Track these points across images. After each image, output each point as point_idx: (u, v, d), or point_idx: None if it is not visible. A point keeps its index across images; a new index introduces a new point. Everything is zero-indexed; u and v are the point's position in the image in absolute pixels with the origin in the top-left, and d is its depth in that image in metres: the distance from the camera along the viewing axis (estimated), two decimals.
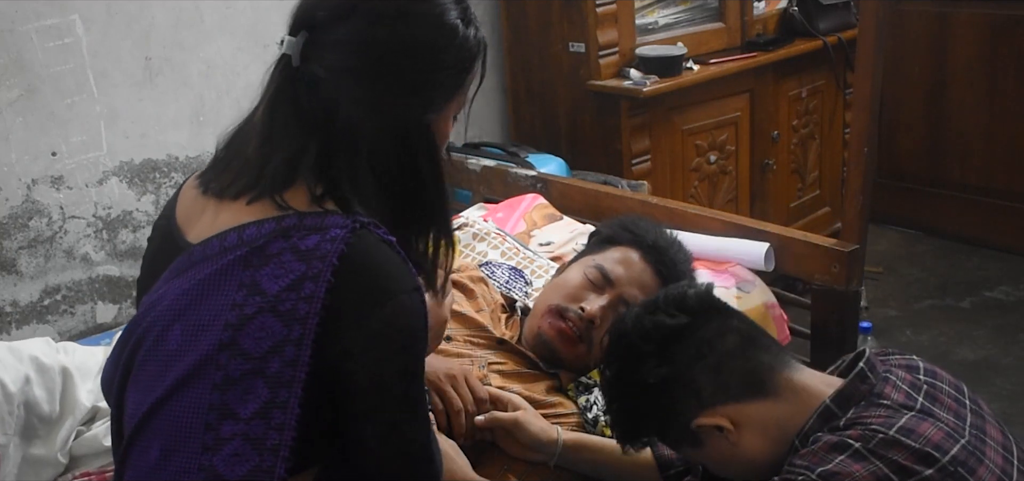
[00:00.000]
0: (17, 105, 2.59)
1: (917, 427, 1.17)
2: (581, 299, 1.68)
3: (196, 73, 2.85)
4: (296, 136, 1.17)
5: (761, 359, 1.29)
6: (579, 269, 1.73)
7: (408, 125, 1.19)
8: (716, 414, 1.27)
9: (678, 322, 1.30)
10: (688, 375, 1.29)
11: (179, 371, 1.11)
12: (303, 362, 1.09)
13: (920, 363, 1.32)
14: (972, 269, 3.89)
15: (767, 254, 2.03)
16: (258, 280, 1.11)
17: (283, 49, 1.20)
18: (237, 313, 1.10)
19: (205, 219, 1.21)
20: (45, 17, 2.59)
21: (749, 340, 1.31)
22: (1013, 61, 3.82)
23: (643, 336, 1.32)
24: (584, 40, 3.11)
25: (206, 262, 1.14)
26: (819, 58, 3.55)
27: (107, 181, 2.79)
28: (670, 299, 1.34)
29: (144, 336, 1.17)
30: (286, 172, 1.16)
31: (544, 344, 1.68)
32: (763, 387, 1.28)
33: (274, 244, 1.12)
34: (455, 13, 1.22)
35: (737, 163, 3.40)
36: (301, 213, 1.14)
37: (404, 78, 1.19)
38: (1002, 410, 2.91)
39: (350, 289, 1.11)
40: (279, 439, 1.08)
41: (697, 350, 1.29)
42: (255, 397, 1.09)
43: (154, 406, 1.12)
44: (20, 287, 2.70)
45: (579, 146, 3.25)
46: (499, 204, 2.41)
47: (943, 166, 4.13)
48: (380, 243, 1.14)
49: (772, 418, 1.27)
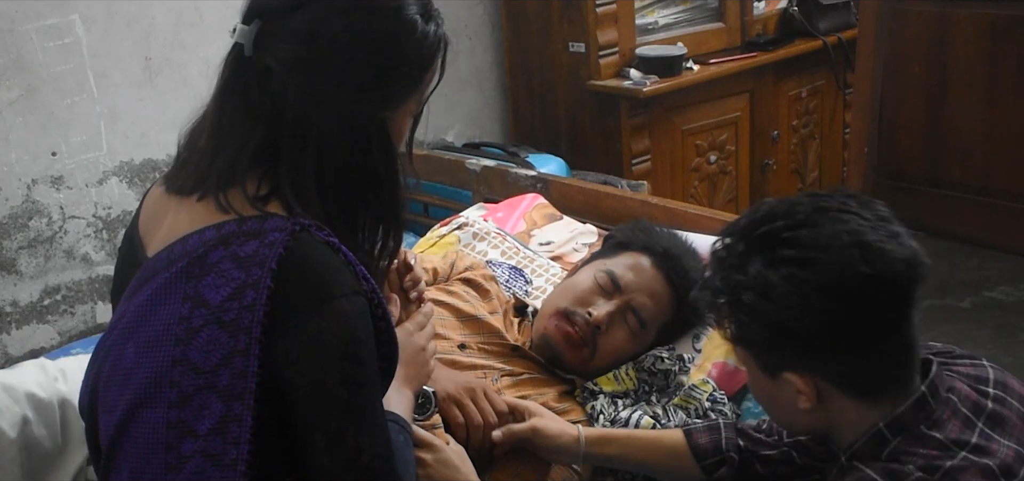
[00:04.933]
0: (17, 105, 2.59)
1: (960, 477, 1.10)
2: (589, 303, 1.67)
3: (196, 73, 2.85)
4: (242, 130, 1.14)
5: (900, 375, 1.18)
6: (589, 273, 1.72)
7: (362, 121, 1.15)
8: (811, 384, 1.16)
9: (875, 300, 1.14)
10: (835, 347, 1.16)
11: (135, 389, 1.09)
12: (251, 373, 1.06)
13: (990, 372, 1.23)
14: (972, 269, 3.88)
15: None
16: (201, 291, 1.08)
17: (235, 37, 1.16)
18: (184, 326, 1.08)
19: (165, 224, 1.18)
20: (45, 17, 2.58)
21: (905, 351, 1.18)
22: (1013, 61, 3.82)
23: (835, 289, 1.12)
24: (584, 40, 3.11)
25: (155, 277, 1.12)
26: (819, 58, 3.55)
27: (107, 181, 2.79)
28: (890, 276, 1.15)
29: (107, 356, 1.15)
30: (230, 169, 1.13)
31: (548, 346, 1.68)
32: (875, 396, 1.17)
33: (214, 253, 1.09)
34: (415, 8, 1.17)
35: (737, 163, 3.40)
36: (241, 217, 1.11)
37: (358, 72, 1.14)
38: None
39: (289, 293, 1.07)
40: (236, 454, 1.05)
41: (862, 336, 1.15)
42: (210, 413, 1.06)
43: (119, 428, 1.11)
44: (20, 287, 2.70)
45: (579, 146, 3.25)
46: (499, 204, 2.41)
47: (943, 166, 4.12)
48: (321, 245, 1.10)
49: (852, 415, 1.19)
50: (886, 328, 1.15)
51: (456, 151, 3.12)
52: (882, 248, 1.14)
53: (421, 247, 2.18)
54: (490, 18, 3.43)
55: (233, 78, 1.16)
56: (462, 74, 3.41)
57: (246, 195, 1.12)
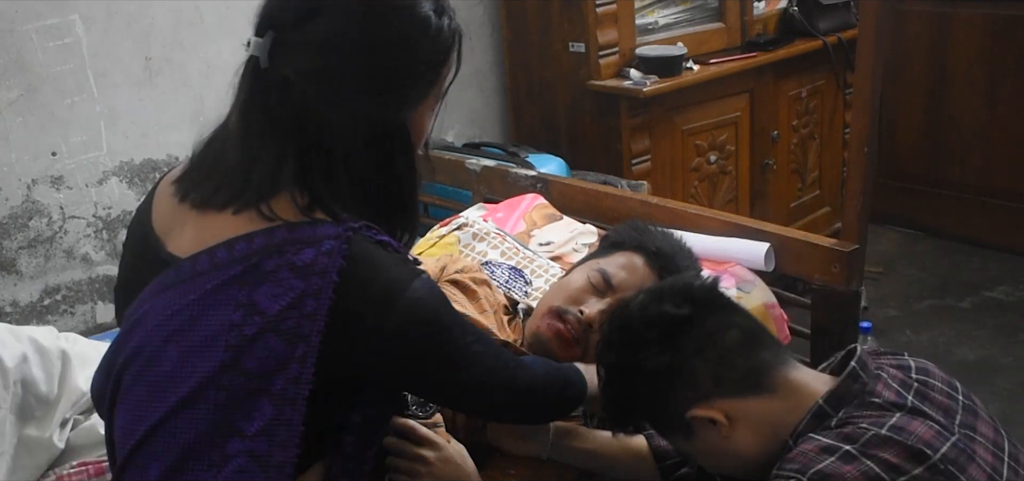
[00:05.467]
0: (17, 105, 2.59)
1: (908, 425, 1.17)
2: (581, 302, 1.67)
3: (196, 73, 2.85)
4: (274, 143, 1.14)
5: (762, 356, 1.30)
6: (583, 272, 1.73)
7: (383, 125, 1.16)
8: (712, 407, 1.27)
9: (682, 313, 1.30)
10: (688, 366, 1.29)
11: (179, 393, 1.09)
12: (306, 379, 1.08)
13: (911, 361, 1.33)
14: (972, 269, 3.89)
15: (767, 254, 2.03)
16: (255, 299, 1.08)
17: (250, 51, 1.15)
18: (236, 334, 1.08)
19: (188, 231, 1.18)
20: (45, 17, 2.59)
21: (751, 336, 1.31)
22: (1013, 61, 3.82)
23: (647, 323, 1.31)
24: (584, 40, 3.11)
25: (197, 279, 1.12)
26: (819, 58, 3.54)
27: (107, 181, 2.79)
28: (677, 289, 1.34)
29: (134, 354, 1.14)
30: (270, 182, 1.13)
31: (540, 344, 1.68)
32: (761, 384, 1.28)
33: (268, 261, 1.09)
34: (428, 4, 1.17)
35: (737, 163, 3.40)
36: (290, 224, 1.11)
37: (375, 77, 1.14)
38: (1002, 410, 2.92)
39: (356, 301, 1.09)
40: (284, 457, 1.08)
41: (699, 342, 1.29)
42: (260, 415, 1.08)
43: (152, 428, 1.11)
44: (20, 287, 2.70)
45: (579, 146, 3.25)
46: (499, 204, 2.41)
47: (943, 166, 4.13)
48: (374, 245, 1.13)
49: (767, 415, 1.27)
50: (708, 329, 1.30)
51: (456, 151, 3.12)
52: (660, 285, 1.40)
53: (421, 248, 2.18)
54: (490, 18, 3.43)
55: (252, 92, 1.16)
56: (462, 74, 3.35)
57: (290, 203, 1.13)
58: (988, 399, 2.96)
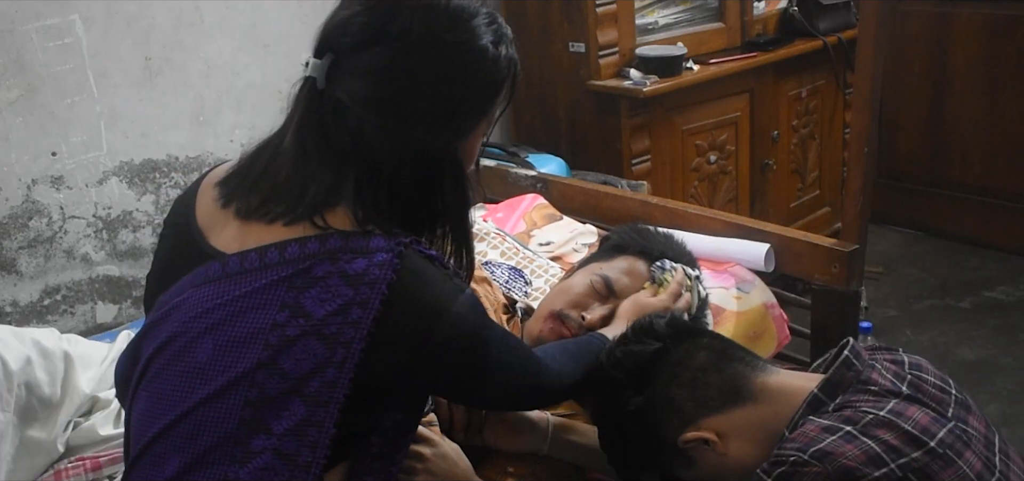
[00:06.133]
0: (17, 105, 2.60)
1: (905, 411, 1.19)
2: (583, 306, 1.67)
3: (196, 73, 2.85)
4: (331, 165, 1.15)
5: (735, 368, 1.34)
6: (585, 276, 1.72)
7: (435, 153, 1.18)
8: (700, 428, 1.31)
9: (647, 348, 1.36)
10: (666, 396, 1.33)
11: (211, 386, 1.10)
12: (343, 384, 1.09)
13: (904, 357, 1.35)
14: (972, 269, 3.89)
15: (767, 254, 2.03)
16: (302, 302, 1.09)
17: (307, 71, 1.17)
18: (278, 334, 1.09)
19: (230, 230, 1.18)
20: (45, 17, 2.59)
21: (720, 353, 1.36)
22: (1013, 61, 3.82)
23: (615, 366, 1.38)
24: (584, 40, 3.11)
25: (244, 276, 1.12)
26: (819, 58, 3.54)
27: (107, 181, 2.79)
28: (639, 329, 1.41)
29: (168, 342, 1.15)
30: (326, 198, 1.14)
31: None
32: (740, 394, 1.31)
33: (320, 267, 1.10)
34: (487, 36, 1.18)
35: (737, 163, 3.40)
36: (345, 234, 1.12)
37: (429, 108, 1.16)
38: (1002, 410, 2.92)
39: (403, 314, 1.11)
40: (312, 457, 1.09)
41: (670, 371, 1.34)
42: (291, 415, 1.08)
43: (176, 419, 1.11)
44: (20, 287, 2.70)
45: (579, 146, 3.25)
46: (499, 204, 2.41)
47: (943, 166, 4.13)
48: (424, 260, 1.15)
49: (756, 422, 1.30)
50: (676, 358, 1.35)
51: None
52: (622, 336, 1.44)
53: None
54: None
55: (309, 111, 1.17)
56: None
57: (346, 217, 1.14)
58: (988, 399, 2.96)
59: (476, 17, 1.18)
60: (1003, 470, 1.22)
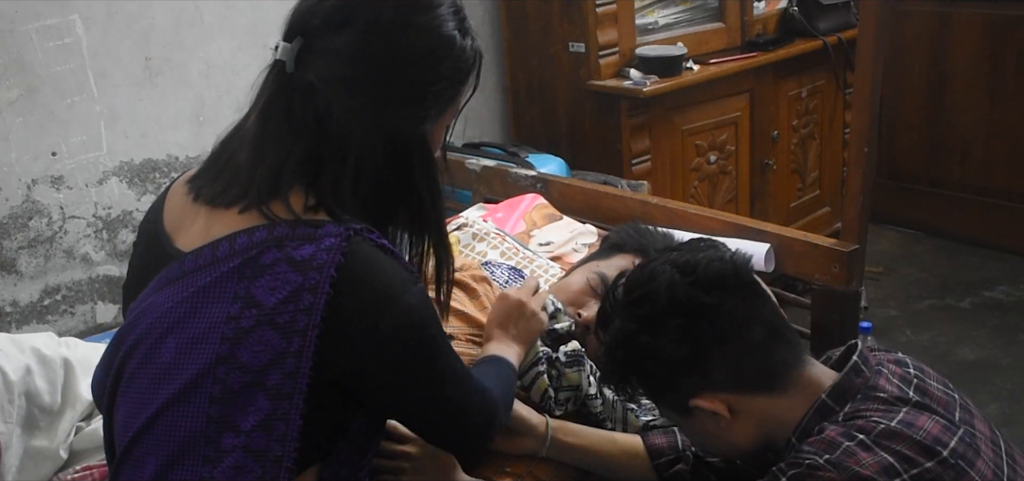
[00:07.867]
0: (17, 105, 2.60)
1: (916, 420, 1.18)
2: (580, 304, 1.67)
3: (196, 73, 2.85)
4: (284, 143, 1.16)
5: (780, 355, 1.28)
6: (583, 274, 1.73)
7: (403, 136, 1.19)
8: (716, 399, 1.27)
9: (710, 301, 1.25)
10: (706, 355, 1.25)
11: (175, 385, 1.10)
12: (303, 374, 1.09)
13: (908, 359, 1.34)
14: (972, 269, 3.89)
15: (767, 254, 2.03)
16: (253, 292, 1.10)
17: (277, 55, 1.18)
18: (233, 326, 1.09)
19: (197, 227, 1.19)
20: (45, 17, 2.59)
21: (774, 334, 1.28)
22: (1013, 61, 3.82)
23: (672, 306, 1.26)
24: (584, 40, 3.11)
25: (199, 272, 1.13)
26: (819, 58, 3.55)
27: (107, 181, 2.79)
28: (709, 276, 1.26)
29: (135, 346, 1.16)
30: (273, 180, 1.15)
31: None
32: (774, 384, 1.27)
33: (267, 254, 1.11)
34: (453, 24, 1.21)
35: (737, 163, 3.40)
36: (293, 221, 1.13)
37: (399, 90, 1.18)
38: (1002, 410, 2.92)
39: (352, 300, 1.11)
40: (281, 451, 1.09)
41: (722, 333, 1.25)
42: (256, 410, 1.09)
43: (148, 421, 1.12)
44: (20, 287, 2.70)
45: (579, 146, 3.25)
46: (499, 204, 2.41)
47: (943, 166, 4.13)
48: (375, 248, 1.14)
49: (771, 413, 1.27)
50: (734, 321, 1.26)
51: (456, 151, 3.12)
52: (694, 260, 1.29)
53: None
54: (490, 18, 3.43)
55: (276, 94, 1.18)
56: None
57: (291, 206, 1.14)
58: (988, 399, 2.96)
59: (441, 6, 1.21)
60: (1011, 476, 1.21)
